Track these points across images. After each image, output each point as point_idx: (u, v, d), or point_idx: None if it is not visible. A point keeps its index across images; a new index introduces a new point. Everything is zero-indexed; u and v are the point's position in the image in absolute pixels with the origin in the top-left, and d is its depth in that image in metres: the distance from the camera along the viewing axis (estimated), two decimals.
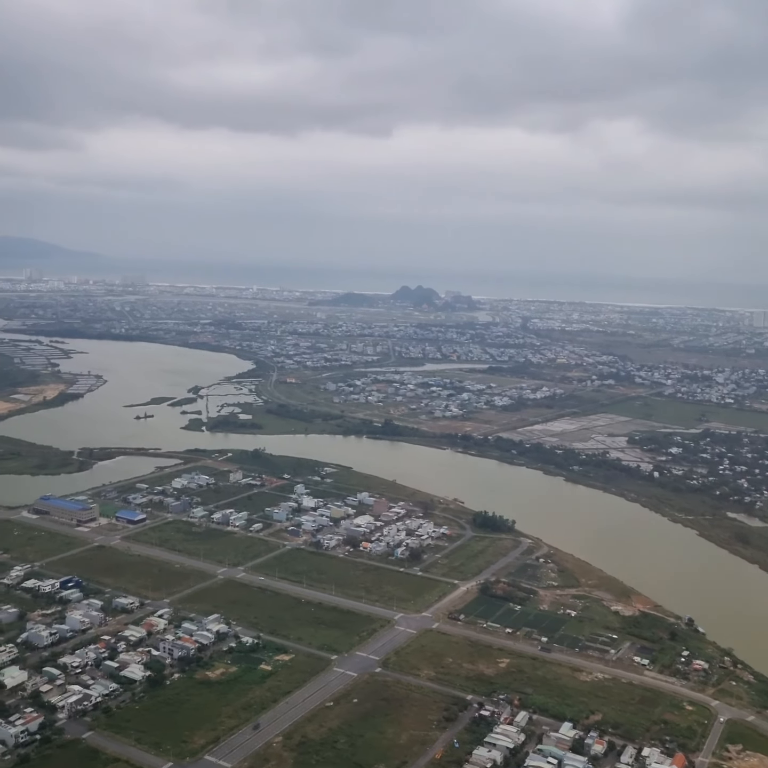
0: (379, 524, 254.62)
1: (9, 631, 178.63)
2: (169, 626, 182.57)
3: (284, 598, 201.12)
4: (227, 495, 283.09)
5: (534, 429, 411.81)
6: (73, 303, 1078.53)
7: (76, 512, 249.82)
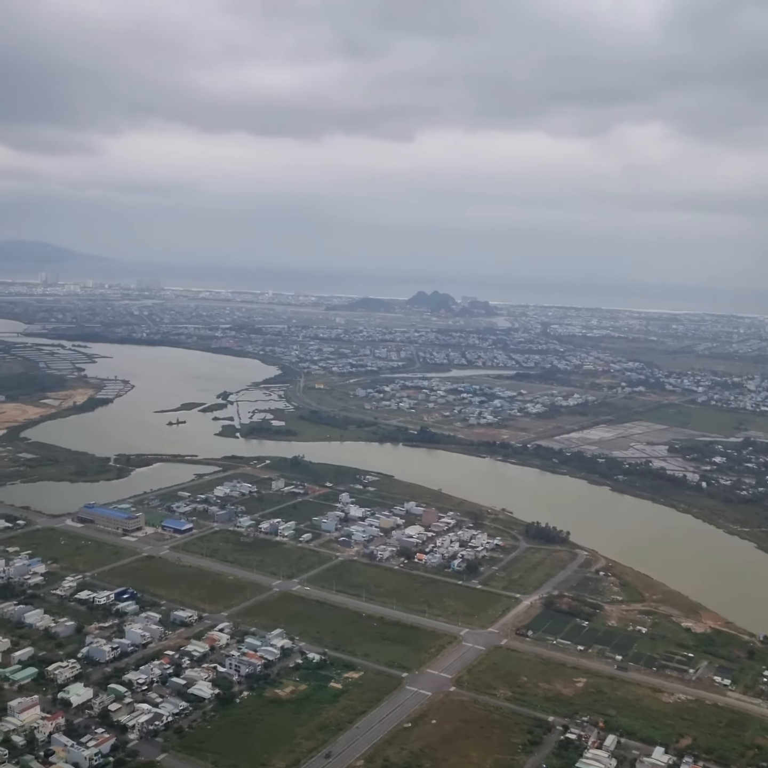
0: (430, 535, 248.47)
1: (68, 645, 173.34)
2: (232, 641, 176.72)
3: (344, 612, 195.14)
4: (271, 504, 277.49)
5: (571, 437, 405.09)
6: (91, 307, 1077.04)
7: (122, 521, 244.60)
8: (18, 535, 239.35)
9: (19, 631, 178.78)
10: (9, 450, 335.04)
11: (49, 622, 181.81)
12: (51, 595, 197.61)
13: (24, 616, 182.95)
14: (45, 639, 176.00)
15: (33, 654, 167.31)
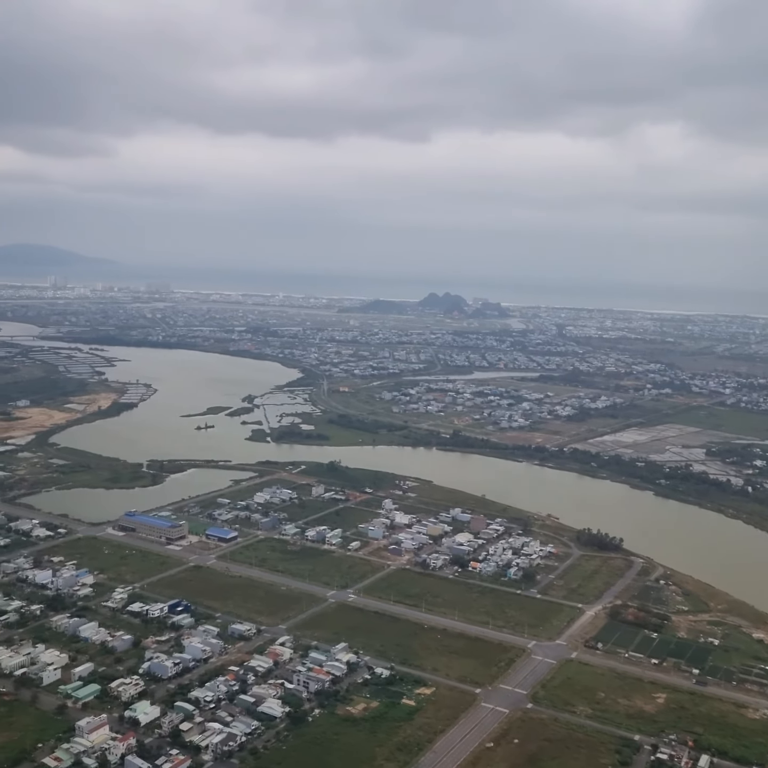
0: (480, 542, 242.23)
1: (126, 660, 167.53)
2: (295, 655, 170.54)
3: (405, 624, 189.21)
4: (313, 510, 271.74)
5: (604, 440, 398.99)
6: (104, 310, 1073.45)
7: (165, 529, 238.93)
8: (60, 545, 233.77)
9: (75, 645, 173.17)
10: (40, 456, 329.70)
11: (104, 635, 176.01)
12: (102, 607, 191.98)
13: (79, 629, 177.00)
14: (102, 653, 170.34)
15: (93, 670, 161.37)
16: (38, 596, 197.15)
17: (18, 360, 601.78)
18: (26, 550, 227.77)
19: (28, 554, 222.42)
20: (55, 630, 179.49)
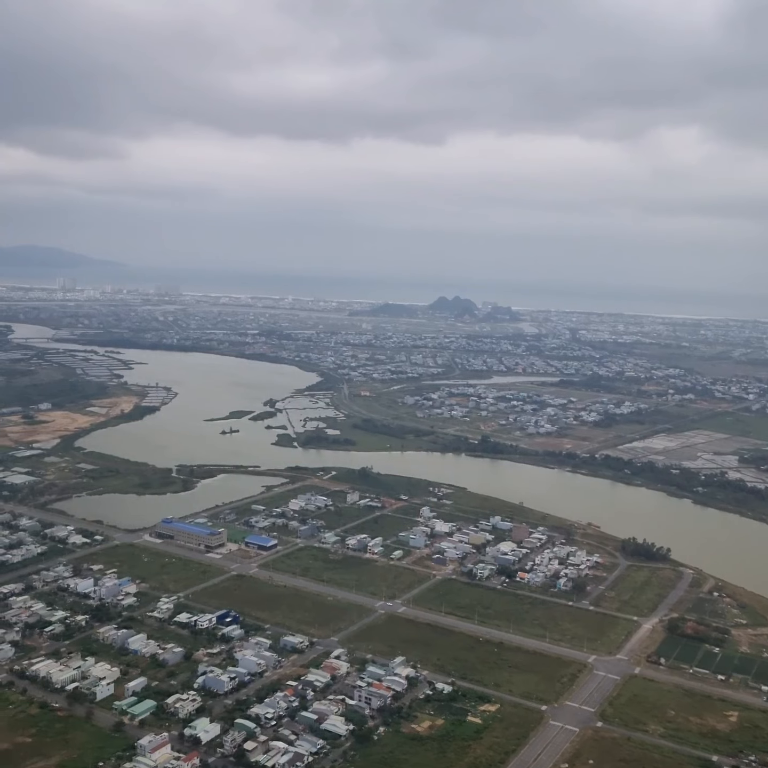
0: (524, 551, 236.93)
1: (179, 674, 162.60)
2: (351, 669, 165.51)
3: (459, 637, 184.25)
4: (350, 518, 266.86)
5: (634, 446, 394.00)
6: (115, 312, 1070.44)
7: (204, 537, 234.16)
8: (98, 552, 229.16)
9: (124, 658, 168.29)
10: (67, 460, 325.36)
11: (154, 648, 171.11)
12: (148, 618, 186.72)
13: (128, 641, 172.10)
14: (153, 667, 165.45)
15: (146, 684, 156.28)
16: (81, 606, 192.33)
17: (34, 362, 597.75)
18: (64, 557, 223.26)
19: (66, 562, 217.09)
20: (102, 642, 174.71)
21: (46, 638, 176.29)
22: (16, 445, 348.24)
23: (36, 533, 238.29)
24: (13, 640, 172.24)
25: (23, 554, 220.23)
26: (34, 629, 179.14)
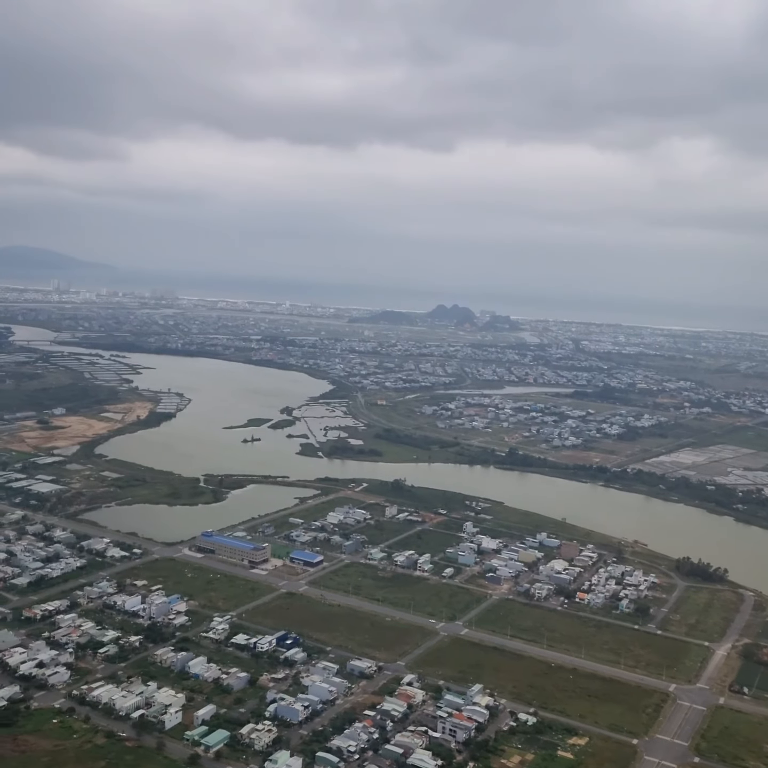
0: (578, 570, 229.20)
1: (246, 701, 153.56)
2: (426, 697, 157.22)
3: (529, 662, 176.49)
4: (391, 532, 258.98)
5: (662, 461, 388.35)
6: (114, 315, 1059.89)
7: (248, 552, 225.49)
8: (138, 567, 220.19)
9: (185, 683, 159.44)
10: (90, 468, 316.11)
11: (216, 672, 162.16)
12: (204, 639, 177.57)
13: (188, 664, 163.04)
14: (218, 692, 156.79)
15: (215, 712, 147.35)
16: (131, 625, 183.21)
17: (40, 365, 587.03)
18: (105, 572, 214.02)
19: (110, 577, 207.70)
20: (160, 665, 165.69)
21: (100, 660, 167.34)
22: (35, 452, 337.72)
23: (72, 545, 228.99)
24: (66, 662, 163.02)
25: (62, 568, 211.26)
26: (86, 650, 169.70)
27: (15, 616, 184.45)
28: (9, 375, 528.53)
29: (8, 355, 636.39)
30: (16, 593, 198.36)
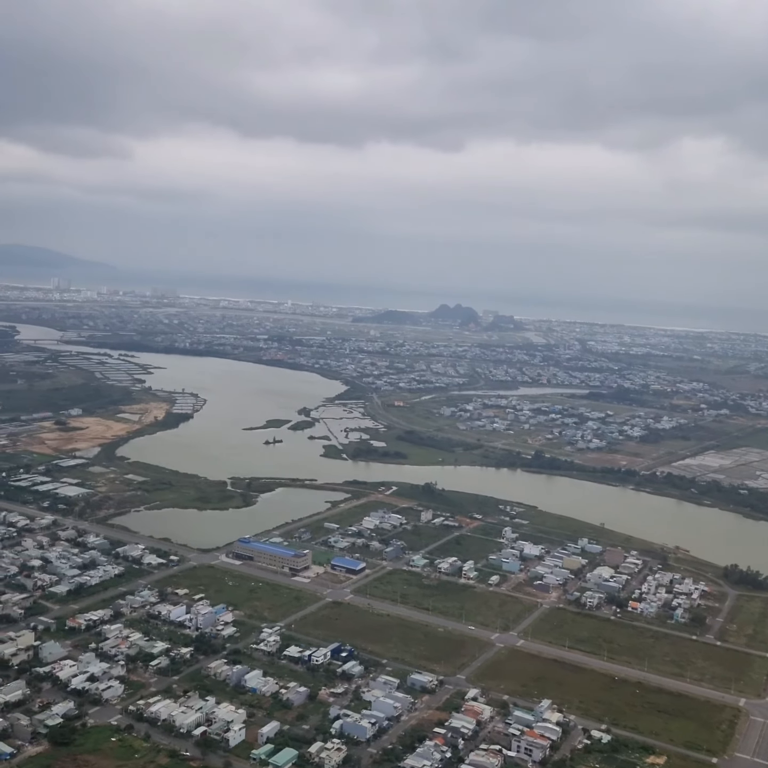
0: (625, 578, 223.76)
1: (308, 717, 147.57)
2: (493, 712, 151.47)
3: (591, 675, 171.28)
4: (429, 538, 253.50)
5: (688, 463, 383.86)
6: (118, 314, 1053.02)
7: (288, 559, 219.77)
8: (177, 574, 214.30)
9: (242, 698, 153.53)
10: (114, 471, 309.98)
11: (274, 686, 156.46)
12: (255, 651, 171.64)
13: (244, 678, 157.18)
14: (278, 708, 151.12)
15: (279, 729, 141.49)
16: (178, 636, 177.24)
17: (50, 365, 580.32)
18: (143, 580, 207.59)
19: (151, 586, 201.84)
20: (214, 678, 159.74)
21: (152, 673, 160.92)
22: (56, 453, 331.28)
23: (106, 552, 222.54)
24: (119, 675, 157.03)
25: (101, 576, 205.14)
26: (136, 662, 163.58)
27: (58, 626, 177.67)
28: (20, 375, 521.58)
29: (16, 354, 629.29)
30: (56, 601, 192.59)
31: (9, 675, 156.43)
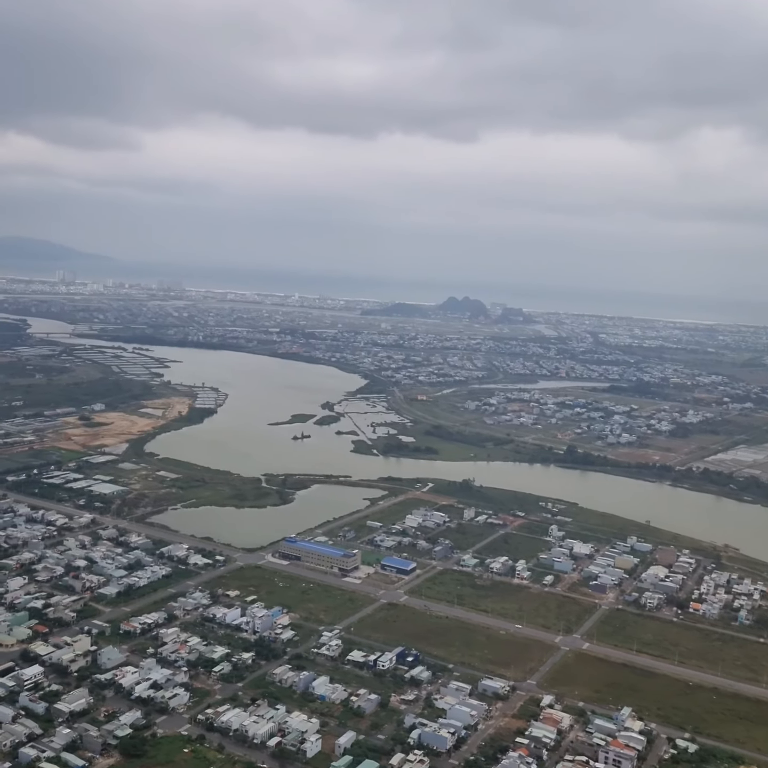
0: (680, 577, 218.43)
1: (382, 725, 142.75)
2: (572, 721, 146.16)
3: (664, 680, 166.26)
4: (475, 537, 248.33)
5: (722, 458, 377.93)
6: (127, 307, 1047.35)
7: (338, 559, 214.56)
8: (225, 575, 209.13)
9: (311, 705, 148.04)
10: (145, 468, 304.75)
11: (343, 693, 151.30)
12: (318, 656, 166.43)
13: (312, 685, 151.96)
14: (350, 716, 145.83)
15: (356, 739, 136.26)
16: (236, 640, 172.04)
17: (65, 359, 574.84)
18: (191, 581, 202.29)
19: (202, 587, 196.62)
20: (280, 685, 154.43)
21: (215, 679, 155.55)
22: (84, 450, 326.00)
23: (150, 552, 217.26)
24: (183, 682, 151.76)
25: (149, 577, 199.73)
26: (197, 668, 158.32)
27: (113, 629, 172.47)
28: (37, 369, 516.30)
29: (30, 348, 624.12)
30: (106, 604, 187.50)
31: (69, 682, 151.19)
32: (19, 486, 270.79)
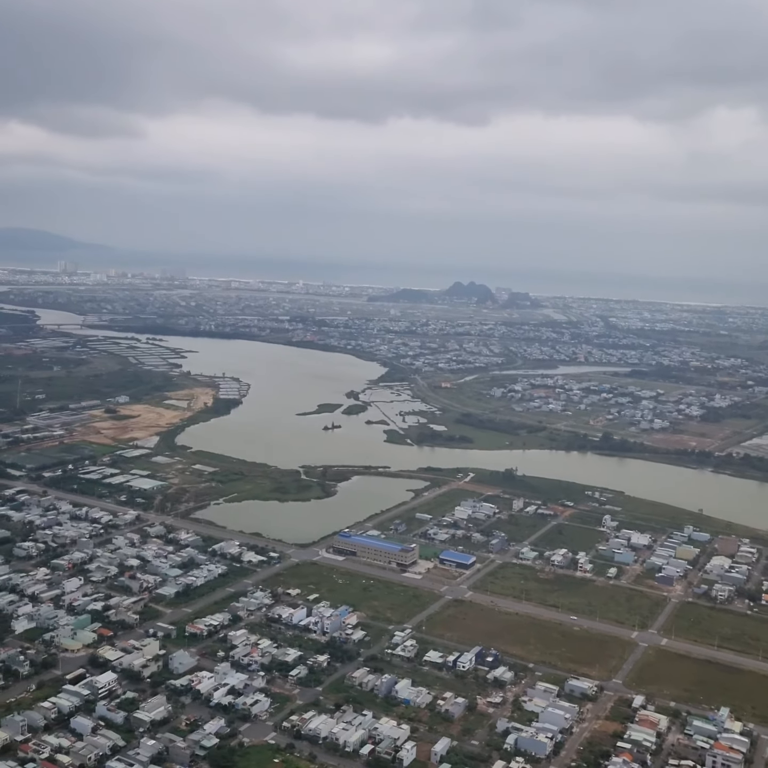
0: (745, 568, 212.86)
1: (473, 730, 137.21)
2: (669, 723, 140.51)
3: (752, 677, 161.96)
4: (527, 528, 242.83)
5: (759, 443, 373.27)
6: (134, 297, 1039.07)
7: (395, 554, 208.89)
8: (282, 573, 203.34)
9: (396, 710, 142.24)
10: (180, 461, 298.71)
11: (427, 696, 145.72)
12: (393, 657, 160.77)
13: (395, 689, 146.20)
14: (438, 721, 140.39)
15: (450, 746, 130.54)
16: (306, 641, 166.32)
17: (81, 351, 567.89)
18: (248, 579, 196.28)
19: (262, 586, 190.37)
20: (360, 688, 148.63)
21: (293, 684, 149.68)
22: (115, 443, 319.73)
23: (202, 549, 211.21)
24: (261, 687, 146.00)
25: (205, 576, 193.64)
26: (272, 672, 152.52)
27: (178, 632, 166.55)
28: (54, 361, 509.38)
29: (43, 339, 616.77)
30: (166, 604, 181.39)
31: (144, 689, 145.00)
32: (56, 482, 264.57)
